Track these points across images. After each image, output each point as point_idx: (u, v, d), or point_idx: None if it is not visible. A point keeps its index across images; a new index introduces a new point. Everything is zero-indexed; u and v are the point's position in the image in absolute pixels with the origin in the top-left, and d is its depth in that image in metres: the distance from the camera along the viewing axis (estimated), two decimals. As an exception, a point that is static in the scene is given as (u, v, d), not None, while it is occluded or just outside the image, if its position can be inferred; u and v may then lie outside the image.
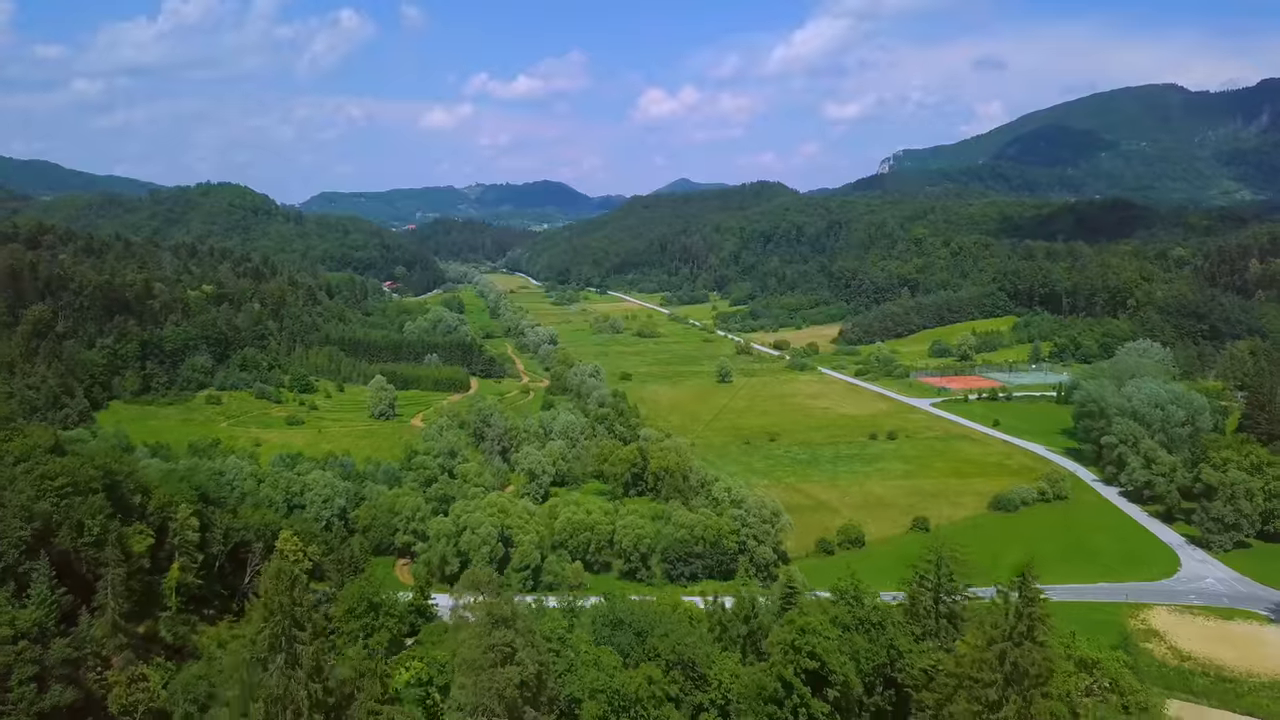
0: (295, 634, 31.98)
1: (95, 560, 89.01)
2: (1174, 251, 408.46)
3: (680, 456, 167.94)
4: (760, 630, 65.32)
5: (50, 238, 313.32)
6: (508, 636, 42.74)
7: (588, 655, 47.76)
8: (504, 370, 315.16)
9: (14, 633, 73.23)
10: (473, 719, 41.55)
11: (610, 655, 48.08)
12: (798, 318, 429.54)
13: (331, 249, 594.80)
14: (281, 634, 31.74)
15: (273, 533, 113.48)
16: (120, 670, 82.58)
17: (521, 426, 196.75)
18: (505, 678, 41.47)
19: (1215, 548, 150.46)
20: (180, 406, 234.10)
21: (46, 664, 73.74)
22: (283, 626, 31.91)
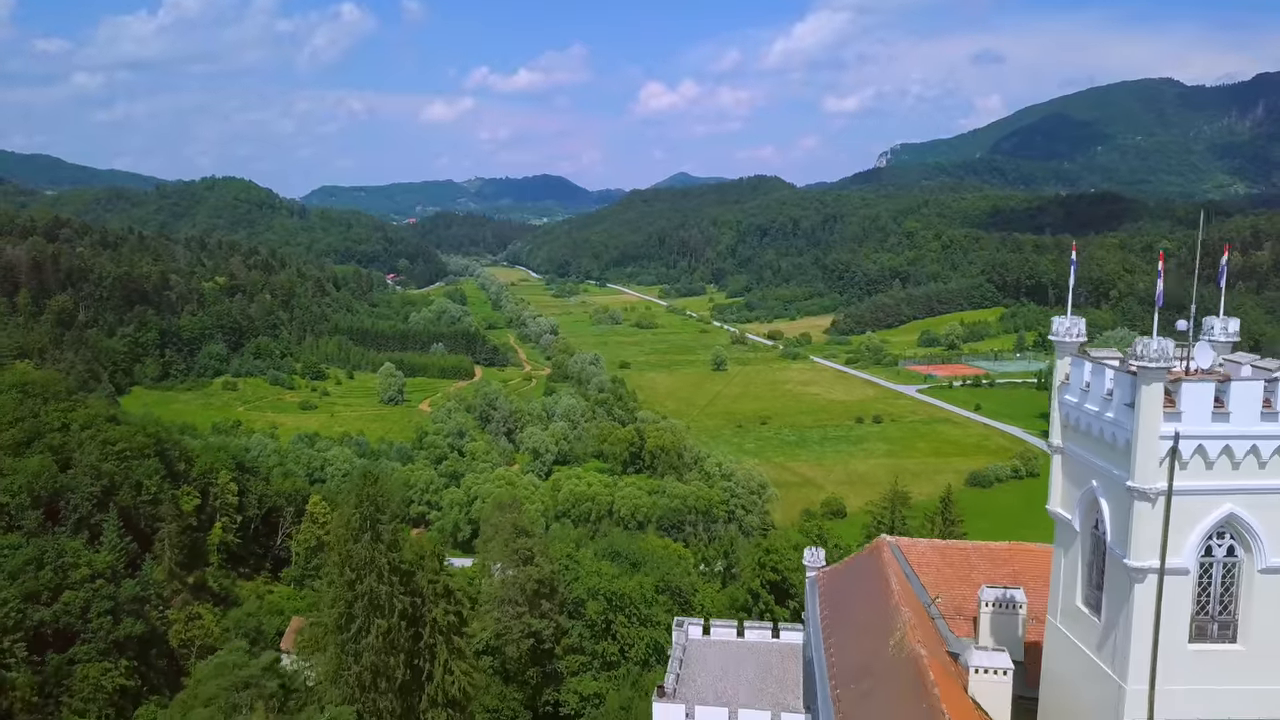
0: (377, 516, 42.73)
1: (152, 516, 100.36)
2: (1159, 244, 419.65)
3: (675, 436, 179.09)
4: (737, 566, 76.54)
5: (67, 231, 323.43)
6: (528, 543, 53.68)
7: (591, 566, 58.71)
8: (507, 359, 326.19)
9: (91, 572, 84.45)
10: (501, 608, 52.66)
11: (609, 567, 59.05)
12: (792, 309, 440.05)
13: (335, 242, 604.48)
14: (367, 516, 42.53)
15: (302, 498, 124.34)
16: (179, 610, 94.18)
17: (525, 409, 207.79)
18: (526, 575, 52.47)
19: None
20: (199, 392, 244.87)
21: (119, 600, 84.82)
22: (368, 510, 42.68)
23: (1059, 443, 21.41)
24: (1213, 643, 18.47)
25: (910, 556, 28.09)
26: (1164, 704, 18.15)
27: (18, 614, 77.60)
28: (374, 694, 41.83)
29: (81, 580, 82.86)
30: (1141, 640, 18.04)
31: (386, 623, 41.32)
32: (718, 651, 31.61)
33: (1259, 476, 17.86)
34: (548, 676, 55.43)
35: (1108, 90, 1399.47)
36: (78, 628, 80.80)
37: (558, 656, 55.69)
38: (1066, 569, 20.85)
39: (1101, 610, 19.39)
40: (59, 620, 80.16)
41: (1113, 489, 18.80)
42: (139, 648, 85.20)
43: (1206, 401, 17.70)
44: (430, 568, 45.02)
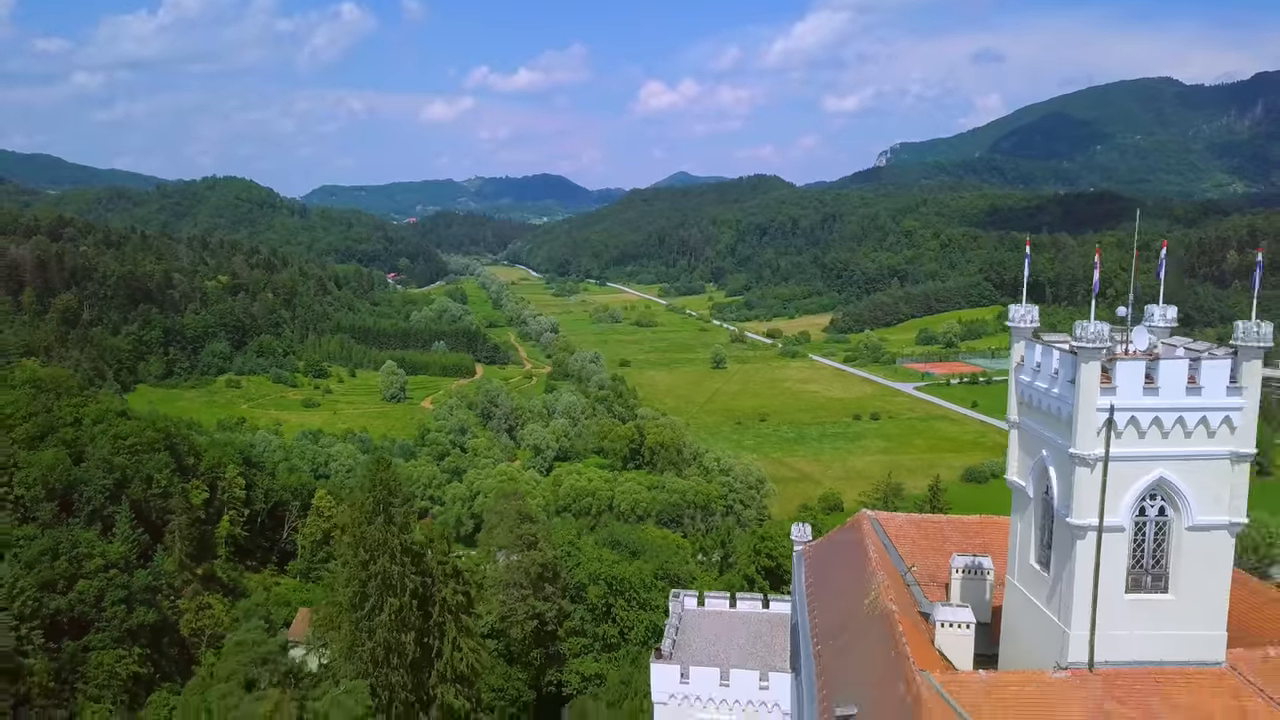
0: (389, 500, 44.98)
1: (163, 509, 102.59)
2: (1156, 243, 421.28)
3: (674, 432, 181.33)
4: (733, 555, 78.77)
5: (71, 230, 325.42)
6: (531, 529, 55.93)
7: (592, 553, 60.98)
8: (508, 357, 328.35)
9: (105, 563, 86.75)
10: (506, 591, 54.94)
11: (610, 554, 61.31)
12: (791, 308, 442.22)
13: (336, 241, 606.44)
14: (380, 500, 44.79)
15: (308, 492, 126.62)
16: (189, 599, 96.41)
17: (526, 406, 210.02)
18: (530, 559, 54.72)
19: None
20: (202, 390, 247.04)
21: (132, 590, 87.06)
22: (380, 494, 44.93)
23: (1015, 418, 23.70)
24: (1146, 593, 20.74)
25: (889, 529, 30.35)
26: (1103, 647, 20.41)
27: (34, 602, 79.81)
28: (386, 669, 44.09)
29: (95, 570, 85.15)
30: (1083, 591, 20.30)
31: (398, 601, 43.61)
32: (711, 620, 33.88)
33: (1185, 444, 20.12)
34: (550, 657, 57.70)
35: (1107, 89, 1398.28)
36: (92, 616, 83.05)
37: (560, 638, 57.95)
38: (1022, 532, 23.13)
39: (1051, 566, 21.67)
40: (74, 609, 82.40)
41: (1058, 457, 21.07)
42: (151, 636, 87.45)
43: (1138, 378, 19.97)
44: (439, 550, 47.31)
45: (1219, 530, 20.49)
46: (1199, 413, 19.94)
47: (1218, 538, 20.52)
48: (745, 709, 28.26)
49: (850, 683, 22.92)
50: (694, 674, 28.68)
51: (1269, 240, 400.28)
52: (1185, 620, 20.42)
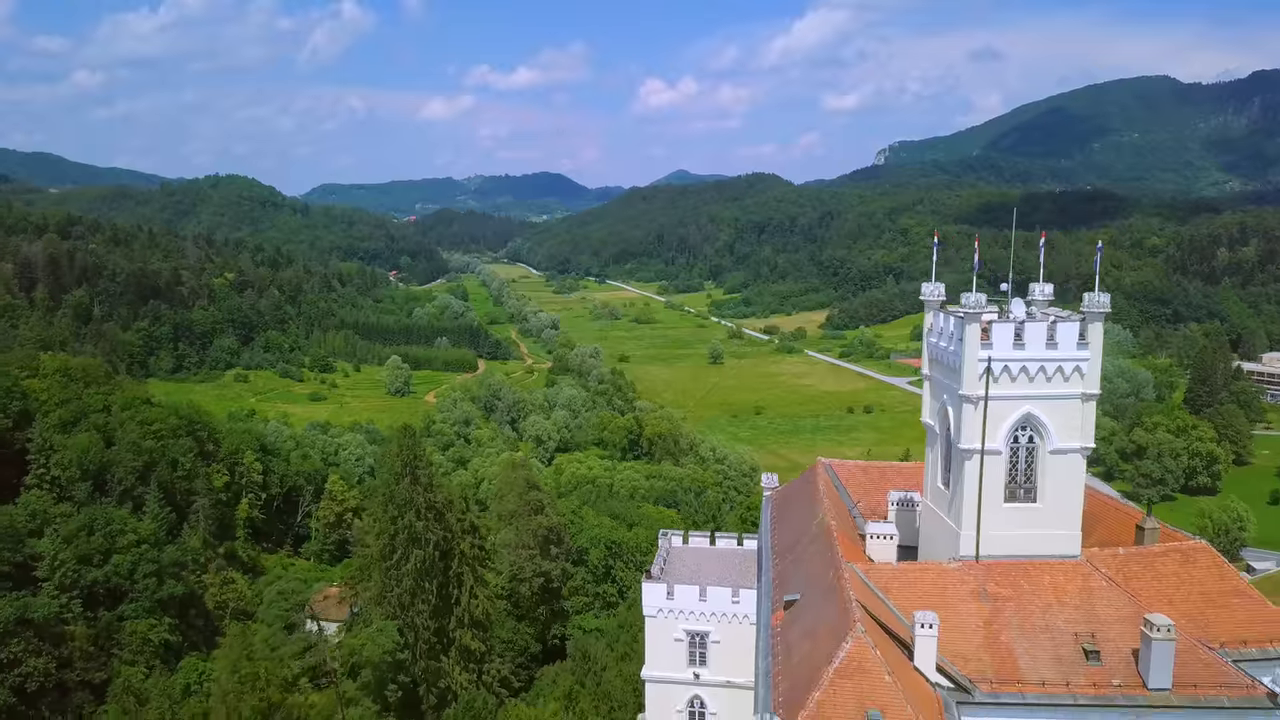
0: (415, 463, 50.92)
1: (187, 490, 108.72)
2: (1149, 240, 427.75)
3: (672, 424, 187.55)
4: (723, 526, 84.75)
5: (79, 228, 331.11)
6: (538, 495, 61.94)
7: (593, 520, 67.03)
8: (509, 353, 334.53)
9: (137, 538, 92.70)
10: (515, 552, 60.98)
11: (610, 521, 67.33)
12: (788, 304, 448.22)
13: (338, 240, 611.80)
14: (407, 463, 50.72)
15: (321, 478, 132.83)
16: (214, 574, 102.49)
17: (528, 399, 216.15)
18: (538, 522, 60.73)
19: (1144, 500, 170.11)
20: (212, 384, 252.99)
21: (162, 564, 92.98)
22: (407, 458, 50.85)
23: (926, 372, 29.82)
24: (1020, 502, 26.86)
25: (840, 473, 36.42)
26: (986, 544, 26.50)
27: (73, 574, 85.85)
28: (412, 613, 50.04)
29: (128, 545, 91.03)
30: (971, 501, 26.40)
31: (423, 553, 49.53)
32: (693, 553, 40.00)
33: (1047, 387, 26.22)
34: (555, 614, 63.76)
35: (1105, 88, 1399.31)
36: (126, 587, 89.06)
37: (564, 597, 64.01)
38: (931, 461, 29.20)
39: (950, 484, 27.74)
40: (109, 580, 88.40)
41: (953, 399, 27.13)
42: (180, 608, 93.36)
43: (1009, 336, 26.08)
44: (458, 508, 53.32)
45: (1074, 453, 26.64)
46: (1056, 363, 26.01)
47: (1073, 459, 26.66)
48: (720, 619, 34.36)
49: (797, 580, 29.01)
50: (678, 591, 34.73)
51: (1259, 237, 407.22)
52: (1049, 523, 26.52)
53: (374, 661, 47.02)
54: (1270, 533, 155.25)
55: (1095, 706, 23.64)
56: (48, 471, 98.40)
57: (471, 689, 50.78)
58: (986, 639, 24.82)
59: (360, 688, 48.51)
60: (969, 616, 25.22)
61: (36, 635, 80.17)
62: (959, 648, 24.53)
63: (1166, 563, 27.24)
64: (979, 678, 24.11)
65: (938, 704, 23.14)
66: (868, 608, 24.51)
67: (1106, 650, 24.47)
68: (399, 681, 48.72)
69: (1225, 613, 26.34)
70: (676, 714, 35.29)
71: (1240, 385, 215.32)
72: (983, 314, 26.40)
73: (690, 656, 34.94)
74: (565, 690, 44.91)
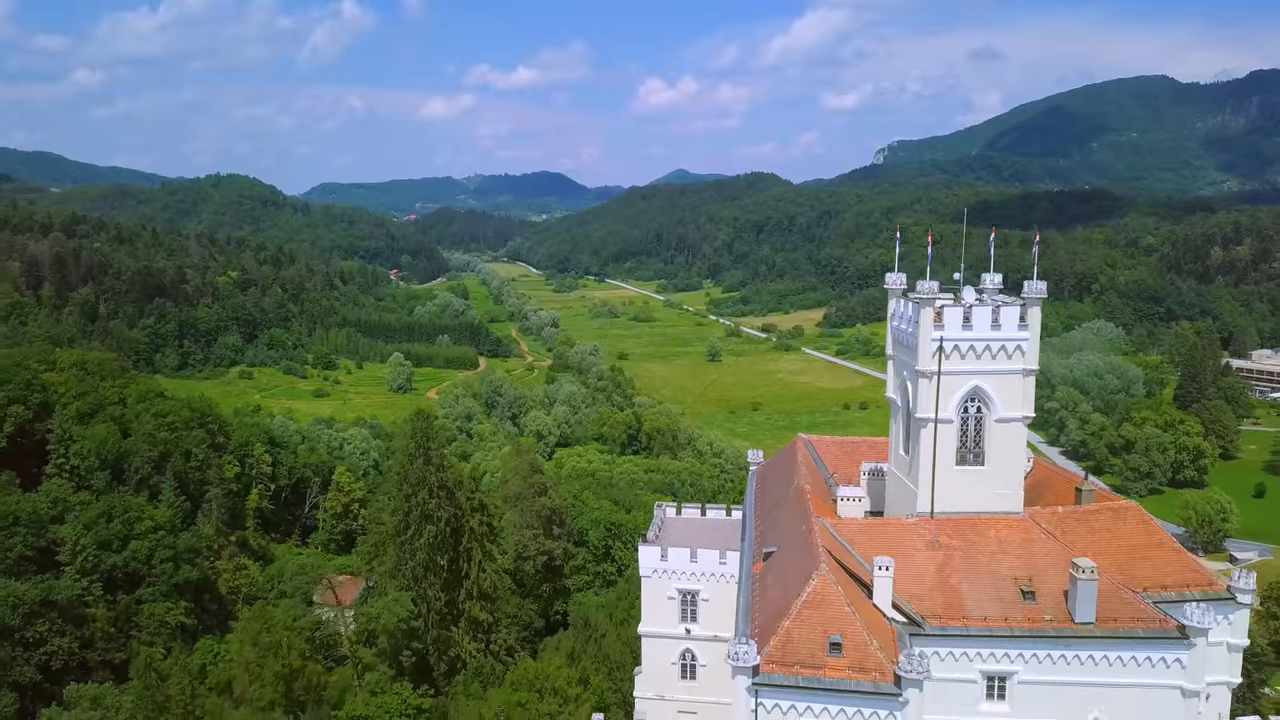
0: (428, 445, 54.52)
1: (200, 480, 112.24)
2: (1144, 239, 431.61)
3: (670, 419, 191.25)
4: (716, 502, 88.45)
5: (84, 227, 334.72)
6: (541, 479, 65.54)
7: (594, 503, 70.65)
8: (510, 350, 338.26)
9: (154, 525, 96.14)
10: (520, 532, 64.58)
11: (609, 505, 70.91)
12: (786, 303, 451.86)
13: (338, 238, 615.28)
14: (420, 444, 54.32)
15: (328, 470, 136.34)
16: (227, 561, 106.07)
17: (529, 395, 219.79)
18: (541, 503, 64.37)
19: (1132, 494, 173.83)
20: (216, 381, 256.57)
21: (177, 550, 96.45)
22: (421, 440, 54.45)
23: (890, 353, 33.50)
24: (969, 465, 30.54)
25: (818, 448, 40.07)
26: (940, 502, 30.16)
27: (94, 558, 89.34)
28: (424, 585, 53.62)
29: (146, 532, 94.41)
30: (927, 464, 30.07)
31: (435, 528, 53.09)
32: (686, 523, 43.63)
33: (991, 364, 29.90)
34: (558, 591, 67.40)
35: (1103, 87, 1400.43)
36: (144, 572, 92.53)
37: (566, 575, 67.64)
38: (895, 431, 32.85)
39: (909, 450, 31.38)
40: (128, 565, 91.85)
41: (912, 374, 30.78)
42: (195, 592, 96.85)
43: (958, 319, 29.77)
44: (468, 487, 56.94)
45: (1016, 422, 30.34)
46: (1000, 342, 29.68)
47: (1015, 427, 30.36)
48: (709, 579, 37.97)
49: (775, 536, 32.64)
50: (671, 554, 38.33)
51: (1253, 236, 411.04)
52: (995, 483, 30.20)
53: (390, 629, 50.61)
54: (1255, 524, 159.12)
55: (1029, 638, 27.32)
56: (67, 461, 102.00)
57: (480, 657, 54.40)
58: (938, 582, 28.48)
59: (377, 654, 52.11)
60: (923, 563, 28.88)
61: (60, 616, 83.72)
62: (913, 589, 28.18)
63: (1099, 519, 30.91)
64: (929, 614, 27.76)
65: (893, 635, 26.76)
66: (834, 555, 28.17)
67: (1041, 591, 28.13)
68: (412, 648, 52.37)
69: (1149, 562, 30.02)
70: (670, 666, 38.94)
71: (1228, 382, 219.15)
72: (936, 300, 30.08)
73: (682, 613, 38.59)
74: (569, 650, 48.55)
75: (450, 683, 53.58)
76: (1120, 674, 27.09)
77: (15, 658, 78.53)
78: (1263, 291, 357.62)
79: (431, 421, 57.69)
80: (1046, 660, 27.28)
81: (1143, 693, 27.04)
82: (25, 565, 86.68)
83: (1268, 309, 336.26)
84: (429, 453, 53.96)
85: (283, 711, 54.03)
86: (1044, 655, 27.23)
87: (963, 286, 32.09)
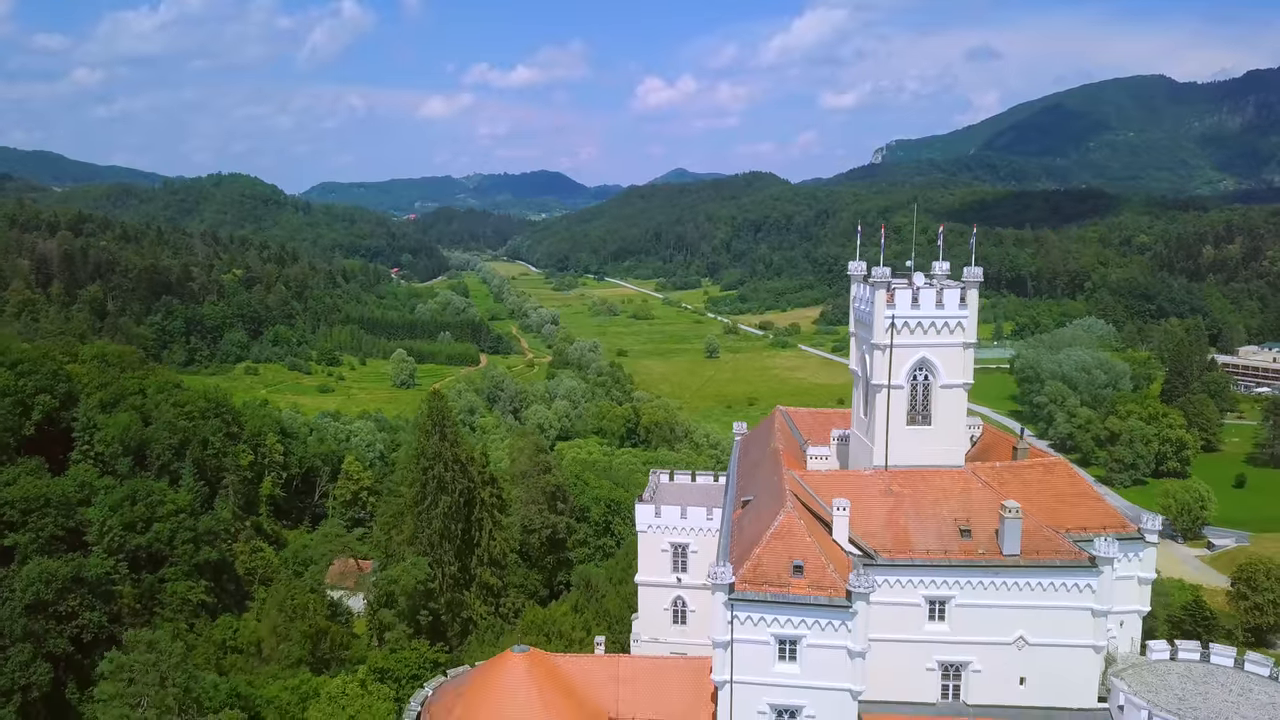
0: (443, 421, 59.35)
1: (217, 467, 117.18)
2: (1137, 238, 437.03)
3: (668, 412, 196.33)
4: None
5: (90, 225, 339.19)
6: (546, 458, 70.45)
7: (595, 481, 75.58)
8: (510, 347, 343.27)
9: (175, 508, 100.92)
10: (526, 507, 69.54)
11: (609, 484, 75.84)
12: (783, 301, 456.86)
13: (339, 237, 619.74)
14: (436, 421, 59.20)
15: (338, 459, 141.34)
16: (244, 543, 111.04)
17: (530, 390, 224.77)
18: (546, 480, 69.30)
19: (1117, 484, 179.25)
20: (223, 376, 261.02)
21: (198, 532, 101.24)
22: (437, 417, 59.30)
23: (853, 330, 38.53)
24: (918, 425, 35.61)
25: (794, 418, 45.12)
26: (892, 456, 35.19)
27: (120, 539, 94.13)
28: (439, 551, 58.49)
29: (168, 514, 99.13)
30: (881, 424, 35.09)
31: (449, 499, 57.93)
32: (678, 487, 48.64)
33: (936, 338, 34.97)
34: (561, 563, 72.38)
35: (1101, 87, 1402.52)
36: (166, 553, 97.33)
37: (569, 548, 72.61)
38: (856, 399, 37.91)
39: (867, 413, 36.41)
40: (152, 546, 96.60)
41: (868, 347, 35.82)
42: (214, 572, 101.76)
43: (908, 299, 34.83)
44: (479, 462, 61.92)
45: (958, 388, 35.39)
46: (943, 319, 34.75)
47: (957, 393, 35.41)
48: (698, 533, 42.92)
49: (752, 488, 37.63)
50: (663, 511, 43.29)
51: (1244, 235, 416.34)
52: (940, 440, 35.26)
53: (408, 591, 55.40)
54: (1235, 513, 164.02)
55: (964, 567, 32.35)
56: (92, 447, 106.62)
57: (490, 619, 59.29)
58: (889, 522, 33.50)
59: (396, 614, 56.91)
60: (877, 507, 33.90)
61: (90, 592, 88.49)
62: (868, 528, 33.20)
63: (1031, 473, 35.96)
64: (881, 548, 32.78)
65: (849, 565, 31.73)
66: (801, 500, 33.17)
67: (976, 530, 33.15)
68: (429, 608, 57.15)
69: (1073, 509, 35.05)
70: (663, 612, 43.92)
71: (1211, 376, 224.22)
72: (890, 283, 35.12)
73: (674, 564, 43.56)
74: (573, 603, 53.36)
75: (464, 642, 58.43)
76: (1041, 598, 32.14)
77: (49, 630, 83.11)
78: (1252, 289, 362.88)
79: (446, 401, 62.55)
80: (979, 586, 32.34)
81: (1060, 614, 32.08)
82: (56, 544, 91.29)
83: (1257, 306, 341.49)
84: (444, 429, 58.88)
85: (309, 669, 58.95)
86: (977, 582, 32.28)
87: (914, 272, 37.11)
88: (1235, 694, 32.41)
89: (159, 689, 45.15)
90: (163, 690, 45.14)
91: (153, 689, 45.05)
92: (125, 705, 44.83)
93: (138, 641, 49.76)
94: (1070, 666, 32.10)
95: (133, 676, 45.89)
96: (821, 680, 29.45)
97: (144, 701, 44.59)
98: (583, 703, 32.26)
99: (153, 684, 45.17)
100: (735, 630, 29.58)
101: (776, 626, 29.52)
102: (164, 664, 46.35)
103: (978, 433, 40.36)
